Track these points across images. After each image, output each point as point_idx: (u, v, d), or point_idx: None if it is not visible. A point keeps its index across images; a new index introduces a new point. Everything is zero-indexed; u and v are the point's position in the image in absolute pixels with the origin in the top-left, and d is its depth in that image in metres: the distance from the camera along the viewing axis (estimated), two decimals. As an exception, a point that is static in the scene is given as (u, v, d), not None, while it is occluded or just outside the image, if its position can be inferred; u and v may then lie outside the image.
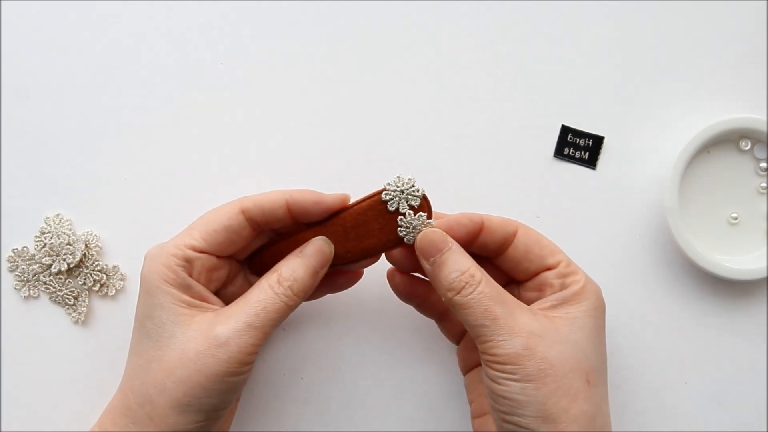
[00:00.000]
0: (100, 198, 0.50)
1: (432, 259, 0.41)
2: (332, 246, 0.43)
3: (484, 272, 0.41)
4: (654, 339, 0.49)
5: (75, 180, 0.50)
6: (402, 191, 0.42)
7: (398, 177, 0.42)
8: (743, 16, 0.49)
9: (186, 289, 0.41)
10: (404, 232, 0.42)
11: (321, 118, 0.50)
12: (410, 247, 0.43)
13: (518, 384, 0.38)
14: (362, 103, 0.50)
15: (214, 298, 0.43)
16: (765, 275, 0.47)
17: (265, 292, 0.41)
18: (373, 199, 0.42)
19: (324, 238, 0.43)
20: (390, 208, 0.42)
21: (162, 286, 0.41)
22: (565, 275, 0.42)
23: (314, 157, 0.50)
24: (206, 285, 0.43)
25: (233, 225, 0.42)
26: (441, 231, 0.42)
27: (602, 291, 0.43)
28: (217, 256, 0.43)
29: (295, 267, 0.42)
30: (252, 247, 0.45)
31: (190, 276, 0.41)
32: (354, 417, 0.49)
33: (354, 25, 0.50)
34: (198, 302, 0.41)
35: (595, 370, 0.40)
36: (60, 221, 0.49)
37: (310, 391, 0.49)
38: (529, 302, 0.43)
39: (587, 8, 0.50)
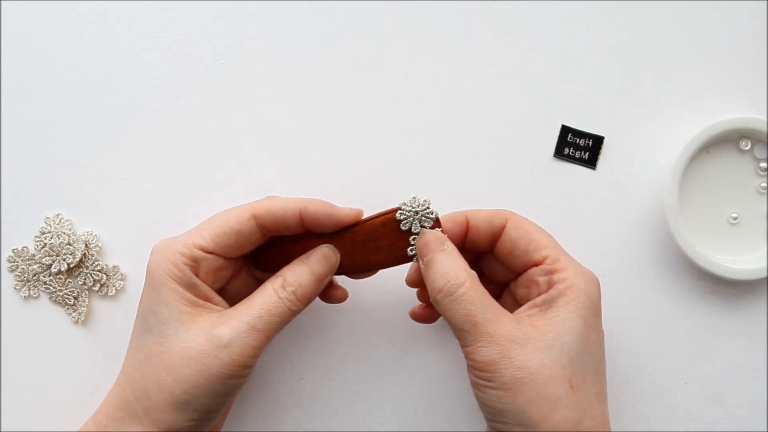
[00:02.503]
0: (100, 198, 0.50)
1: (425, 259, 0.41)
2: (338, 255, 0.43)
3: (474, 276, 0.41)
4: (654, 339, 0.49)
5: (75, 180, 0.50)
6: (416, 212, 0.42)
7: (414, 198, 0.42)
8: (743, 16, 0.49)
9: (191, 287, 0.41)
10: (415, 251, 0.43)
11: (320, 118, 0.50)
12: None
13: (495, 392, 0.38)
14: (362, 102, 0.50)
15: (218, 299, 0.43)
16: (765, 275, 0.47)
17: (269, 296, 0.41)
18: (386, 217, 0.42)
19: (330, 246, 0.43)
20: (402, 228, 0.42)
21: (168, 282, 0.41)
22: (551, 272, 0.42)
23: (313, 156, 0.50)
24: (212, 285, 0.43)
25: (243, 230, 0.42)
26: (441, 233, 0.42)
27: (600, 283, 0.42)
28: (224, 257, 0.43)
29: (300, 273, 0.42)
30: (258, 245, 0.45)
31: (197, 276, 0.42)
32: (354, 417, 0.49)
33: (354, 24, 0.50)
34: (202, 302, 0.42)
35: (582, 373, 0.39)
36: (60, 221, 0.49)
37: (310, 391, 0.49)
38: (522, 300, 0.43)
39: (587, 8, 0.50)
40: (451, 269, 0.40)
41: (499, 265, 0.45)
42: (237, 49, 0.50)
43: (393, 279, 0.47)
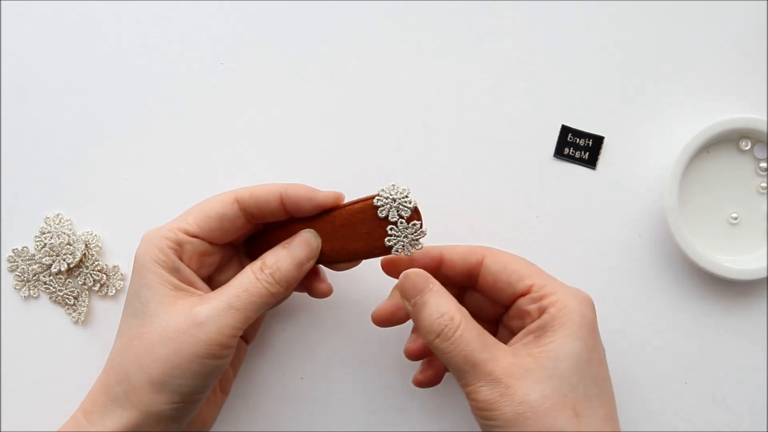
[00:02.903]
0: (100, 198, 0.50)
1: (413, 300, 0.41)
2: (319, 240, 0.43)
3: (466, 314, 0.40)
4: (654, 339, 0.49)
5: (75, 180, 0.50)
6: (394, 200, 0.42)
7: (393, 185, 0.42)
8: (743, 16, 0.49)
9: (174, 271, 0.42)
10: (393, 241, 0.42)
11: (321, 118, 0.50)
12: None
13: (500, 431, 0.38)
14: (362, 101, 0.50)
15: (201, 284, 0.43)
16: (765, 275, 0.47)
17: (247, 277, 0.42)
18: (365, 202, 0.42)
19: (312, 231, 0.43)
20: (380, 215, 0.42)
21: (151, 266, 0.41)
22: (539, 299, 0.41)
23: (314, 156, 0.50)
24: (197, 270, 0.43)
25: (227, 213, 0.42)
26: (423, 271, 0.41)
27: (593, 297, 0.41)
28: (210, 243, 0.43)
29: (280, 256, 0.42)
30: (247, 234, 0.45)
31: (181, 259, 0.42)
32: (354, 417, 0.49)
33: (354, 25, 0.50)
34: (185, 286, 0.42)
35: (585, 398, 0.39)
36: (60, 221, 0.49)
37: (310, 391, 0.49)
38: (515, 330, 0.43)
39: (587, 8, 0.50)
40: (445, 311, 0.40)
41: (488, 301, 0.44)
42: (237, 49, 0.50)
43: (393, 280, 0.47)
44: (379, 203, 0.42)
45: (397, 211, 0.42)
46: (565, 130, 0.50)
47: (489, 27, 0.50)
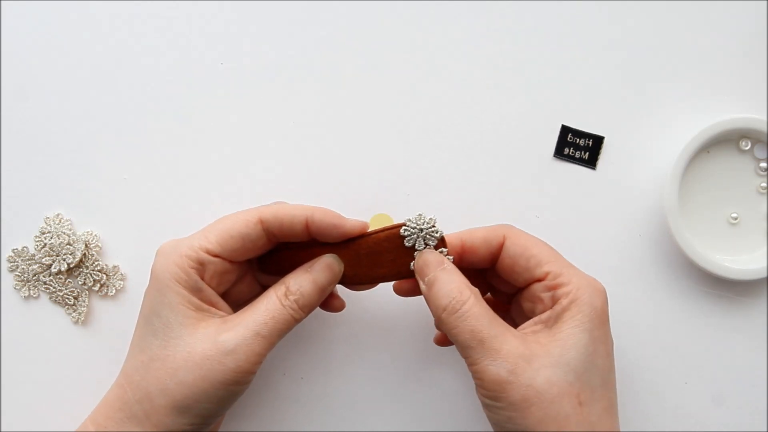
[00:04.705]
0: (100, 198, 0.50)
1: (426, 278, 0.41)
2: (342, 265, 0.43)
3: (477, 293, 0.41)
4: (654, 339, 0.49)
5: (75, 180, 0.50)
6: (421, 230, 0.42)
7: (420, 215, 0.42)
8: (743, 16, 0.49)
9: (196, 291, 0.41)
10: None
11: (321, 117, 0.50)
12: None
13: (505, 413, 0.38)
14: (362, 101, 0.50)
15: (222, 304, 0.43)
16: (765, 275, 0.47)
17: (274, 303, 0.41)
18: (391, 231, 0.42)
19: (334, 255, 0.43)
20: (406, 244, 0.42)
21: (173, 285, 0.41)
22: (553, 288, 0.41)
23: (314, 156, 0.50)
24: (216, 288, 0.43)
25: (250, 234, 0.42)
26: (438, 253, 0.42)
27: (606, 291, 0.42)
28: (230, 261, 0.43)
29: (303, 282, 0.42)
30: (266, 251, 0.45)
31: (202, 279, 0.42)
32: (354, 417, 0.49)
33: (354, 24, 0.50)
34: (206, 306, 0.42)
35: (589, 388, 0.39)
36: (60, 221, 0.49)
37: (310, 391, 0.49)
38: (528, 312, 0.43)
39: (587, 8, 0.50)
40: (454, 286, 0.40)
41: (503, 280, 0.45)
42: (237, 49, 0.50)
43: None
44: (406, 233, 0.42)
45: (424, 241, 0.42)
46: (565, 130, 0.50)
47: (489, 27, 0.50)
